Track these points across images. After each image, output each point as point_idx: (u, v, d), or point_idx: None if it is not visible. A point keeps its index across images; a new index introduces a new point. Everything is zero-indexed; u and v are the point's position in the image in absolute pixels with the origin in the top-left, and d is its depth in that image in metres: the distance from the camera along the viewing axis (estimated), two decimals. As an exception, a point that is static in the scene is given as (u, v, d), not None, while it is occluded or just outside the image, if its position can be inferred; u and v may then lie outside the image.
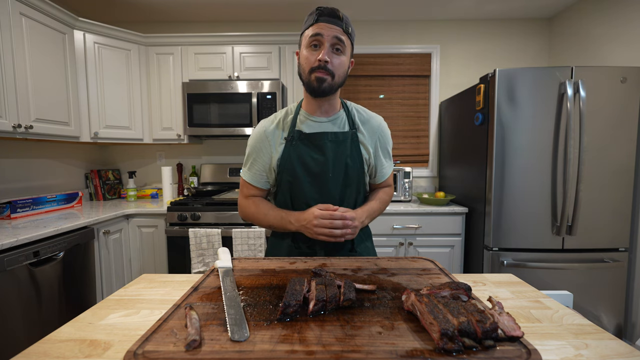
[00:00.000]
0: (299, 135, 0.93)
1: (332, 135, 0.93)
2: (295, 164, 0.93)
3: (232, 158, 2.75)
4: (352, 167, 0.94)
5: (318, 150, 0.93)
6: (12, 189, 1.93)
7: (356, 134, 0.96)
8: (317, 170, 0.92)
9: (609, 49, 2.10)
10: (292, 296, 0.54)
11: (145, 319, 0.58)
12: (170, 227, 2.06)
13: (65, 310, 1.59)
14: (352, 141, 0.95)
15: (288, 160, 0.93)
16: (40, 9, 1.78)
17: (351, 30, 0.89)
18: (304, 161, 0.93)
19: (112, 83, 2.23)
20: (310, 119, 0.95)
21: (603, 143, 1.78)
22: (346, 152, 0.93)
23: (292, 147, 0.93)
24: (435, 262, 0.81)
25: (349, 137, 0.94)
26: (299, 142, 0.93)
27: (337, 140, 0.93)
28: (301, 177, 0.93)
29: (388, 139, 1.02)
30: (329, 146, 0.92)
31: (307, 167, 0.93)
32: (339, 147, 0.93)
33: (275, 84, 2.26)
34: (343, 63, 0.88)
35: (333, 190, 0.94)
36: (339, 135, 0.93)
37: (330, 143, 0.93)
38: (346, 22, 0.87)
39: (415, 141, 2.74)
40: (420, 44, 2.68)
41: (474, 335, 0.44)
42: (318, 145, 0.93)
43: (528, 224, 1.83)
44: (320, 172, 0.92)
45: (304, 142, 0.93)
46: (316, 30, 0.85)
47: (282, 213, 0.94)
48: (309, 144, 0.93)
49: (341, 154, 0.93)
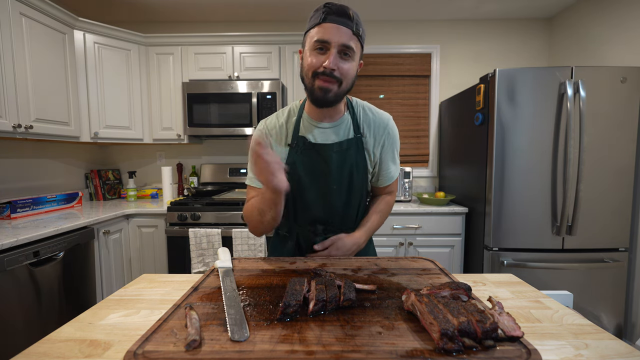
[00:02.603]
0: (303, 143, 0.90)
1: (337, 145, 0.90)
2: (300, 171, 0.90)
3: (232, 158, 2.75)
4: (356, 176, 0.92)
5: (323, 161, 0.90)
6: (12, 189, 1.93)
7: (361, 140, 0.92)
8: (321, 181, 0.90)
9: (609, 48, 2.10)
10: (292, 296, 0.54)
11: (145, 319, 0.58)
12: (170, 227, 2.06)
13: (65, 310, 1.59)
14: (357, 148, 0.91)
15: (292, 166, 0.90)
16: (40, 9, 1.78)
17: (362, 32, 0.81)
18: (308, 169, 0.90)
19: (112, 83, 2.23)
20: (314, 125, 0.91)
21: (603, 143, 1.78)
22: (351, 161, 0.90)
23: (296, 155, 0.90)
24: (435, 262, 0.81)
25: (353, 144, 0.91)
26: (303, 150, 0.90)
27: (341, 150, 0.90)
28: (305, 185, 0.91)
29: (395, 141, 0.97)
30: (334, 157, 0.89)
31: (311, 175, 0.90)
32: (343, 156, 0.90)
33: (275, 84, 2.26)
34: (351, 69, 0.81)
35: (337, 199, 0.92)
36: (343, 144, 0.90)
37: (335, 154, 0.90)
38: (357, 22, 0.79)
39: (415, 141, 2.74)
40: (420, 44, 2.68)
41: (474, 335, 0.44)
42: (323, 156, 0.89)
43: (528, 224, 1.83)
44: (324, 182, 0.90)
45: (308, 151, 0.90)
46: (322, 35, 0.77)
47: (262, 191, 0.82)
48: (313, 154, 0.90)
49: (346, 163, 0.90)
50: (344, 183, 0.91)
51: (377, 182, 0.99)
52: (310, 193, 0.91)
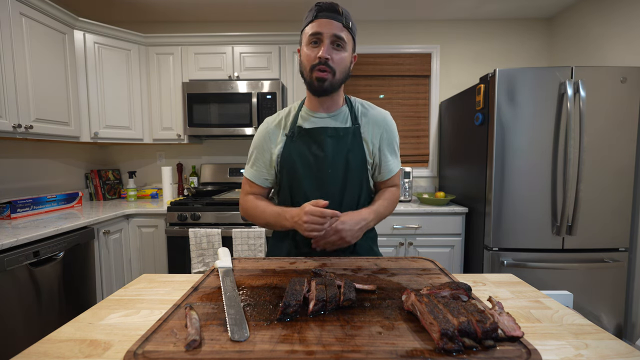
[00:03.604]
0: (299, 131, 0.93)
1: (332, 130, 0.92)
2: (295, 159, 0.92)
3: (232, 158, 2.75)
4: (353, 163, 0.92)
5: (317, 146, 0.92)
6: (12, 189, 1.93)
7: (359, 130, 0.94)
8: (316, 166, 0.92)
9: (609, 49, 2.10)
10: (292, 296, 0.54)
11: (145, 319, 0.58)
12: (170, 227, 2.06)
13: (65, 310, 1.59)
14: (354, 137, 0.93)
15: (287, 156, 0.93)
16: (40, 9, 1.78)
17: (352, 25, 0.88)
18: (303, 157, 0.92)
19: (112, 83, 2.23)
20: (311, 115, 0.95)
21: (603, 143, 1.78)
22: (347, 148, 0.92)
23: (292, 143, 0.93)
24: (435, 262, 0.81)
25: (350, 132, 0.93)
26: (298, 138, 0.93)
27: (337, 135, 0.92)
28: (300, 173, 0.92)
29: (393, 134, 0.98)
30: (329, 142, 0.91)
31: (306, 163, 0.92)
32: (339, 142, 0.92)
33: (275, 84, 2.26)
34: (344, 59, 0.87)
35: (332, 187, 0.92)
36: (339, 130, 0.92)
37: (330, 138, 0.91)
38: (346, 17, 0.86)
39: (415, 141, 2.74)
40: (420, 44, 2.68)
41: (474, 335, 0.44)
42: (317, 141, 0.92)
43: (528, 224, 1.83)
44: (319, 168, 0.91)
45: (303, 138, 0.93)
46: (315, 28, 0.84)
47: (278, 210, 0.91)
48: (308, 140, 0.92)
49: (341, 149, 0.92)
50: (339, 167, 0.92)
51: (378, 175, 0.99)
52: (305, 181, 0.92)
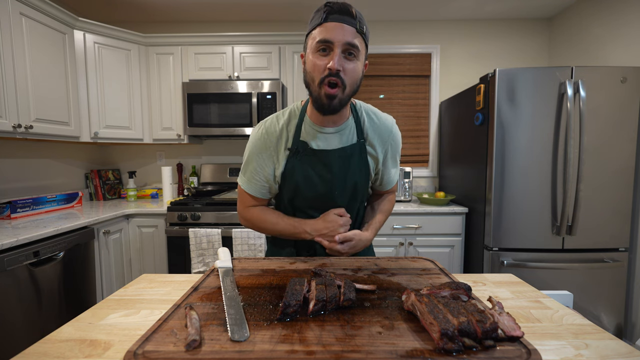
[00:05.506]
0: (304, 148, 0.86)
1: (340, 151, 0.87)
2: (300, 179, 0.87)
3: (232, 158, 2.75)
4: (359, 183, 0.90)
5: (324, 166, 0.86)
6: (12, 189, 1.92)
7: (364, 145, 0.89)
8: (323, 188, 0.88)
9: (609, 49, 2.10)
10: (292, 296, 0.54)
11: (145, 319, 0.58)
12: (170, 227, 2.06)
13: (65, 310, 1.59)
14: (361, 154, 0.89)
15: (292, 174, 0.87)
16: (40, 9, 1.78)
17: (366, 30, 0.77)
18: (308, 178, 0.87)
19: (112, 83, 2.23)
20: (316, 130, 0.86)
21: (603, 143, 1.78)
22: (354, 168, 0.88)
23: (296, 160, 0.86)
24: (435, 262, 0.81)
25: (357, 149, 0.88)
26: (304, 156, 0.86)
27: (344, 155, 0.87)
28: (305, 193, 0.88)
29: (398, 147, 0.95)
30: (337, 163, 0.86)
31: (311, 183, 0.87)
32: (346, 162, 0.87)
33: (275, 84, 2.26)
34: (357, 69, 0.77)
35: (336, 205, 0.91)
36: (346, 149, 0.87)
37: (338, 159, 0.87)
38: (360, 20, 0.75)
39: (415, 141, 2.74)
40: (420, 44, 2.68)
41: (474, 335, 0.44)
42: (324, 162, 0.86)
43: (528, 224, 1.83)
44: (327, 189, 0.88)
45: (309, 157, 0.86)
46: (325, 34, 0.73)
47: (294, 222, 0.89)
48: (315, 160, 0.86)
49: (348, 170, 0.88)
50: (347, 189, 0.89)
51: (379, 186, 1.00)
52: (308, 200, 0.90)
